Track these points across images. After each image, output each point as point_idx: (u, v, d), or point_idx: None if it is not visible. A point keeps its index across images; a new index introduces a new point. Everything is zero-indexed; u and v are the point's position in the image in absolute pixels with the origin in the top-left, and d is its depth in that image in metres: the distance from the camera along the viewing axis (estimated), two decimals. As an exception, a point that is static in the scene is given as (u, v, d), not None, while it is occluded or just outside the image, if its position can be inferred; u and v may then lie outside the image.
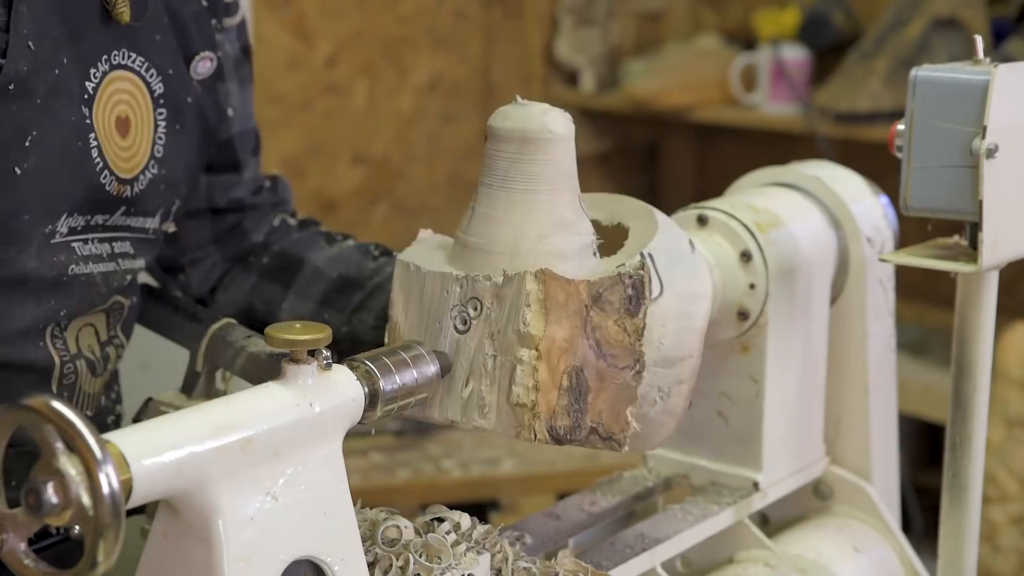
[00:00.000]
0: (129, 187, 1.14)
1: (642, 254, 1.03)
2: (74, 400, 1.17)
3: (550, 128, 1.01)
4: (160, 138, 1.17)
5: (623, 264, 1.03)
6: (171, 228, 1.25)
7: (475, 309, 1.00)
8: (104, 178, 1.12)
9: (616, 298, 1.01)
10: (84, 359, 1.17)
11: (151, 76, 1.16)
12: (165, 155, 1.17)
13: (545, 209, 1.02)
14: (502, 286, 0.99)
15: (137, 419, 1.13)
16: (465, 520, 1.03)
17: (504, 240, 1.01)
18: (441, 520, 1.03)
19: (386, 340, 1.07)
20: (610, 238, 1.08)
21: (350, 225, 2.99)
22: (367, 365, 0.96)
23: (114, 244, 1.16)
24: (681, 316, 1.06)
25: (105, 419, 1.27)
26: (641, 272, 1.02)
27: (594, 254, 1.05)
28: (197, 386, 1.13)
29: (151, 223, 1.19)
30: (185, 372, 1.15)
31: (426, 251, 1.06)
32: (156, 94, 1.16)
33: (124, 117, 1.13)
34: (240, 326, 1.18)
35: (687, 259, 1.08)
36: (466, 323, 1.01)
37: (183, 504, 0.85)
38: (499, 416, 0.99)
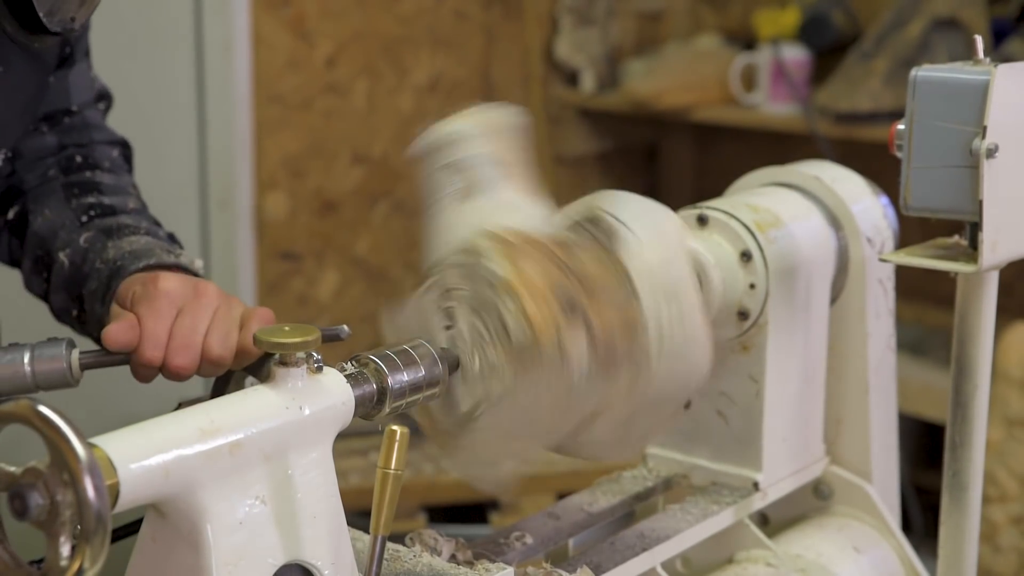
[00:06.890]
0: None
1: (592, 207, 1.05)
2: None
3: (455, 128, 1.05)
4: None
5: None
6: None
7: (451, 301, 1.00)
8: None
9: (583, 239, 1.02)
10: None
11: None
12: None
13: (484, 196, 1.05)
14: (464, 263, 0.99)
15: None
16: None
17: (457, 239, 1.02)
18: None
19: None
20: None
21: (350, 225, 2.99)
22: (376, 362, 0.96)
23: None
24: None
25: None
26: (598, 214, 1.03)
27: None
28: (226, 392, 1.12)
29: None
30: (214, 379, 1.15)
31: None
32: None
33: None
34: None
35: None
36: (451, 317, 1.00)
37: (171, 508, 0.84)
38: (512, 368, 0.97)
